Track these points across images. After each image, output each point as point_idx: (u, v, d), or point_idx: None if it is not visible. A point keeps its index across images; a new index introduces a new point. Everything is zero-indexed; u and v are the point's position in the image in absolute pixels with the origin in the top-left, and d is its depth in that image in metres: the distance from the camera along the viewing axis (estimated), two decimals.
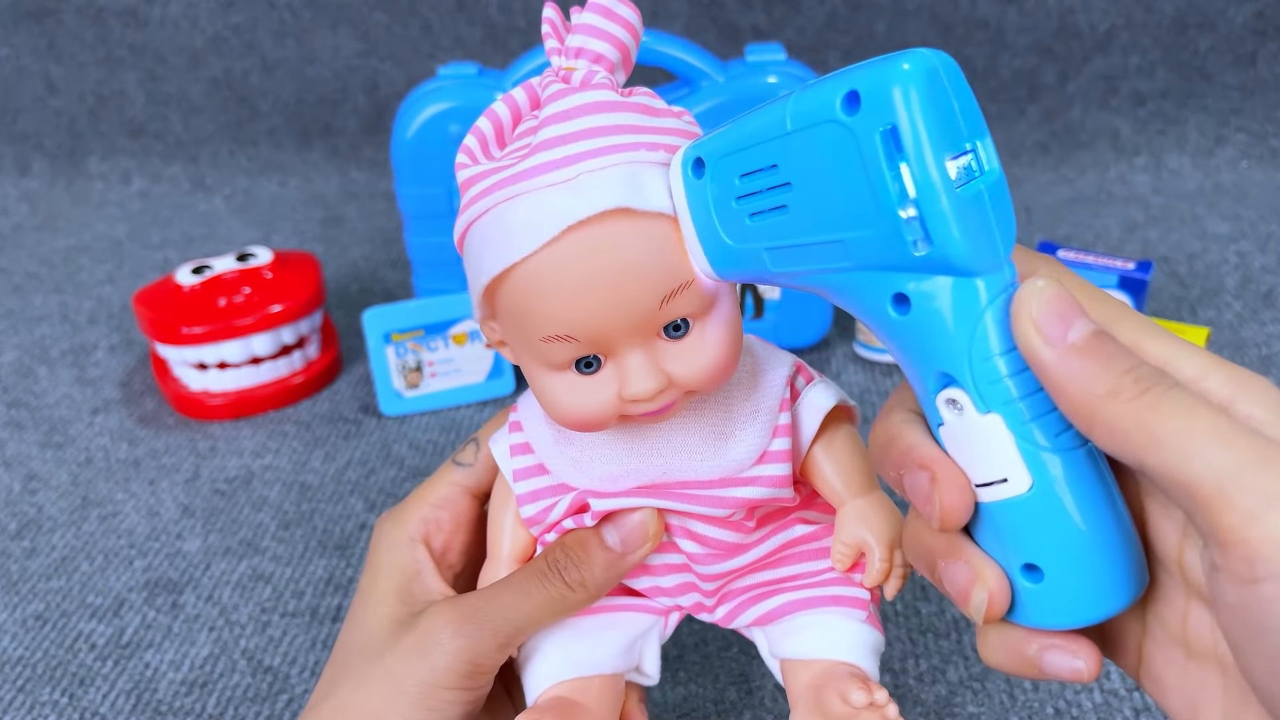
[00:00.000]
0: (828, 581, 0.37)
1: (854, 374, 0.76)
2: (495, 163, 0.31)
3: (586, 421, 0.32)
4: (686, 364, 0.31)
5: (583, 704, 0.35)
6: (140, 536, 0.63)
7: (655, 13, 1.07)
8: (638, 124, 0.30)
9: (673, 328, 0.31)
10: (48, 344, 0.86)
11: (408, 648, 0.35)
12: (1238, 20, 1.05)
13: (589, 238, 0.29)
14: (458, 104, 0.69)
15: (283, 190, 1.15)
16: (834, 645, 0.36)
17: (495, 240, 0.30)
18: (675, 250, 0.30)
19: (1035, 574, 0.26)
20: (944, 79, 0.25)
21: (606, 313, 0.30)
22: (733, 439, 0.34)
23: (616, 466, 0.34)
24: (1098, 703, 0.49)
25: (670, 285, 0.30)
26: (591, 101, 0.30)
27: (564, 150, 0.29)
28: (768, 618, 0.37)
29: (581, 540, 0.35)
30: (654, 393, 0.31)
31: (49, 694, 0.53)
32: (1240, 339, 0.77)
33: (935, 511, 0.27)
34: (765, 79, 0.68)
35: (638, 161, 0.30)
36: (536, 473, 0.36)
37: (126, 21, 1.12)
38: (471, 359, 0.75)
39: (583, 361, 0.31)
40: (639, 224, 0.29)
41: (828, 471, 0.36)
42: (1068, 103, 1.08)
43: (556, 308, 0.30)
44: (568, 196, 0.29)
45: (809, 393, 0.36)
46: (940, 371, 0.26)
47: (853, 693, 0.34)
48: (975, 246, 0.25)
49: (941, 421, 0.27)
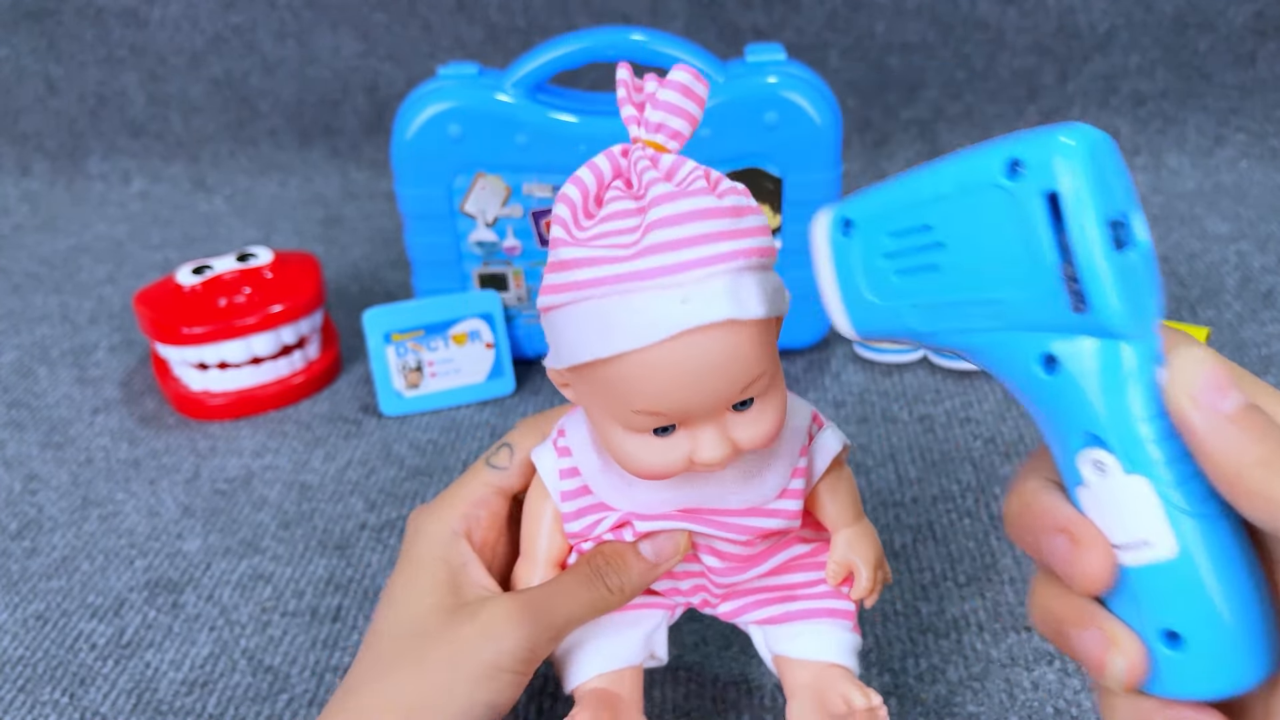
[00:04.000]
0: (821, 595, 0.44)
1: (853, 374, 0.76)
2: (597, 249, 0.34)
3: (659, 475, 0.37)
4: (749, 432, 0.36)
5: (618, 693, 0.42)
6: (141, 536, 0.63)
7: (655, 12, 1.07)
8: (734, 229, 0.34)
9: (741, 404, 0.36)
10: (48, 344, 0.86)
11: (471, 633, 0.39)
12: (1237, 20, 1.05)
13: (696, 342, 0.33)
14: (458, 104, 0.69)
15: (283, 190, 1.15)
16: (828, 649, 0.43)
17: (598, 329, 0.34)
18: (761, 347, 0.35)
19: (1176, 642, 0.26)
20: (1103, 151, 0.26)
21: (697, 400, 0.34)
22: (759, 478, 0.40)
23: (657, 495, 0.40)
24: (1097, 702, 0.49)
25: (751, 377, 0.35)
26: (696, 209, 0.33)
27: (674, 257, 0.33)
28: (769, 620, 0.44)
29: (620, 551, 0.41)
30: (724, 461, 0.36)
31: (49, 694, 0.53)
32: (1240, 339, 0.77)
33: (1077, 574, 0.27)
34: (765, 79, 0.68)
35: (737, 269, 0.33)
36: (582, 494, 0.41)
37: (127, 22, 1.12)
38: (472, 359, 0.75)
39: (661, 428, 0.36)
40: (738, 330, 0.33)
41: (828, 504, 0.43)
42: (1067, 102, 1.08)
43: (653, 392, 0.34)
44: (678, 305, 0.33)
45: (821, 438, 0.42)
46: (1085, 432, 0.27)
47: (854, 696, 0.40)
48: (1129, 311, 0.26)
49: (1082, 482, 0.27)
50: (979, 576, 0.57)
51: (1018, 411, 0.71)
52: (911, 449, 0.68)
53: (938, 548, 0.59)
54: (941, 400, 0.72)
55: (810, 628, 0.44)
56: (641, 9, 1.07)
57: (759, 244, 0.34)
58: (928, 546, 0.59)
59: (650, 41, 0.68)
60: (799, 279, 0.76)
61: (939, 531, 0.60)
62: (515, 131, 0.69)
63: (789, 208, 0.71)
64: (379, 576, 0.59)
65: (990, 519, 0.61)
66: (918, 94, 1.10)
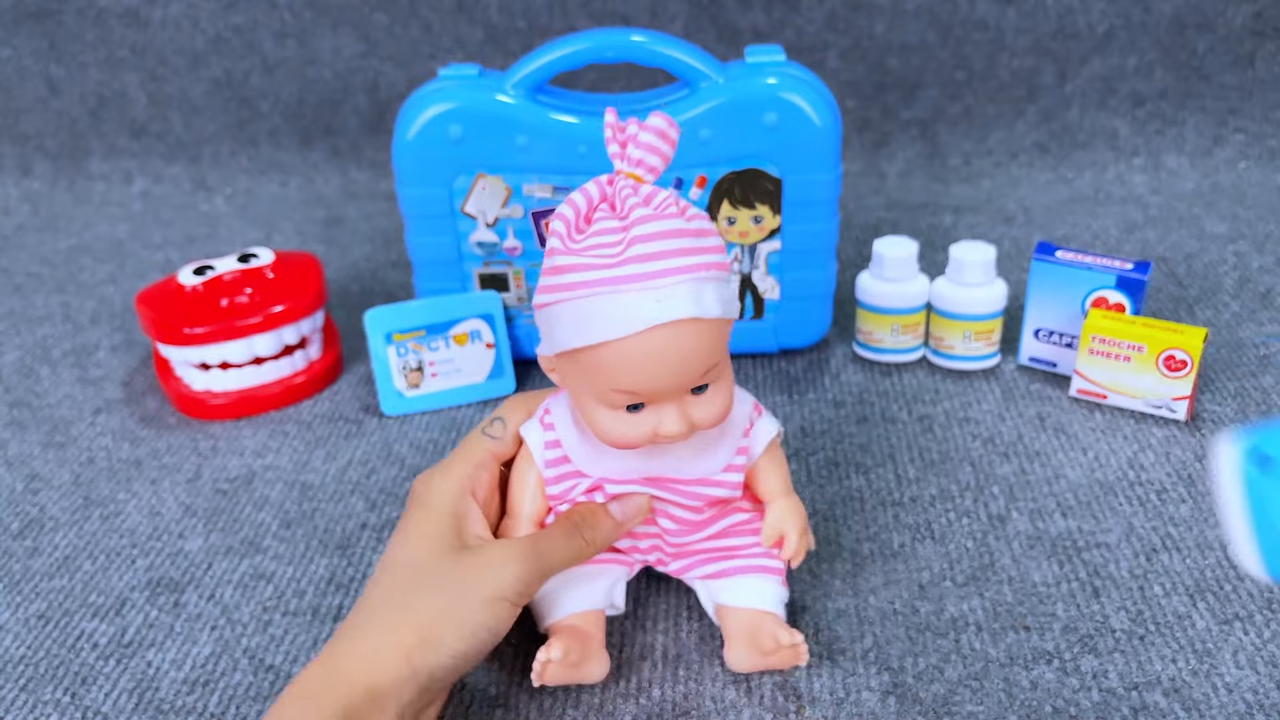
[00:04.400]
0: (756, 555, 0.53)
1: (853, 374, 0.76)
2: (587, 258, 0.42)
3: (628, 445, 0.46)
4: (704, 412, 0.46)
5: (584, 629, 0.50)
6: (142, 536, 0.64)
7: (654, 13, 1.08)
8: (698, 247, 0.43)
9: (699, 387, 0.45)
10: (50, 344, 0.87)
11: (479, 567, 0.46)
12: (1236, 21, 1.05)
13: (665, 334, 0.42)
14: (458, 105, 0.69)
15: (284, 191, 1.15)
16: (761, 599, 0.52)
17: (587, 322, 0.42)
18: (716, 342, 0.44)
19: None
20: None
21: (664, 381, 0.43)
22: (709, 453, 0.49)
23: (624, 464, 0.49)
24: (1096, 701, 0.49)
25: (707, 365, 0.44)
26: (668, 230, 0.42)
27: (650, 266, 0.42)
28: (713, 576, 0.53)
29: (595, 511, 0.50)
30: (683, 434, 0.45)
31: (51, 693, 0.53)
32: (1238, 339, 0.78)
33: None
34: (765, 80, 0.68)
35: (699, 279, 0.42)
36: (562, 462, 0.50)
37: (128, 22, 1.13)
38: (472, 359, 0.75)
39: (632, 405, 0.44)
40: (699, 327, 0.43)
41: (764, 479, 0.51)
42: (1066, 103, 1.09)
43: (631, 374, 0.43)
44: (653, 304, 0.42)
45: (760, 424, 0.51)
46: None
47: (781, 635, 0.49)
48: None
49: None
50: (977, 576, 0.57)
51: (1016, 411, 0.71)
52: (910, 449, 0.68)
53: (936, 547, 0.59)
54: (940, 400, 0.73)
55: (746, 581, 0.52)
56: (641, 10, 1.08)
57: (717, 259, 0.44)
58: (926, 546, 0.59)
59: (650, 43, 0.68)
60: (799, 279, 0.76)
61: (937, 531, 0.61)
62: (516, 132, 0.69)
63: (789, 208, 0.72)
64: None
65: (988, 518, 0.61)
66: (917, 95, 1.10)
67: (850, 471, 0.66)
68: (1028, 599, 0.55)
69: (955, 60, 1.08)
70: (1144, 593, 0.55)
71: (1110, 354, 0.68)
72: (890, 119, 1.11)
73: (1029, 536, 0.60)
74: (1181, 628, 0.53)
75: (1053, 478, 0.64)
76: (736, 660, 0.50)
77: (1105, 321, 0.68)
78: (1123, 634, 0.53)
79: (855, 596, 0.56)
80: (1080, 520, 0.61)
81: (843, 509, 0.63)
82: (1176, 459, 0.65)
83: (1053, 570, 0.57)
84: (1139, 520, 0.60)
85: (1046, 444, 0.67)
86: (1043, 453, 0.67)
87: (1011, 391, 0.73)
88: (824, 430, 0.70)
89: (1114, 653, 0.52)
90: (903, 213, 1.03)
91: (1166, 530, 0.59)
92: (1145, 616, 0.54)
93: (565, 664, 0.47)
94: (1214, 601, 0.54)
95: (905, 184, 1.09)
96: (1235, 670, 0.50)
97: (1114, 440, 0.67)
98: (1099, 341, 0.68)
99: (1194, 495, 0.62)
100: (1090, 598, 0.55)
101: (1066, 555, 0.58)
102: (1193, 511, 0.61)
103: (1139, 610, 0.54)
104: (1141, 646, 0.52)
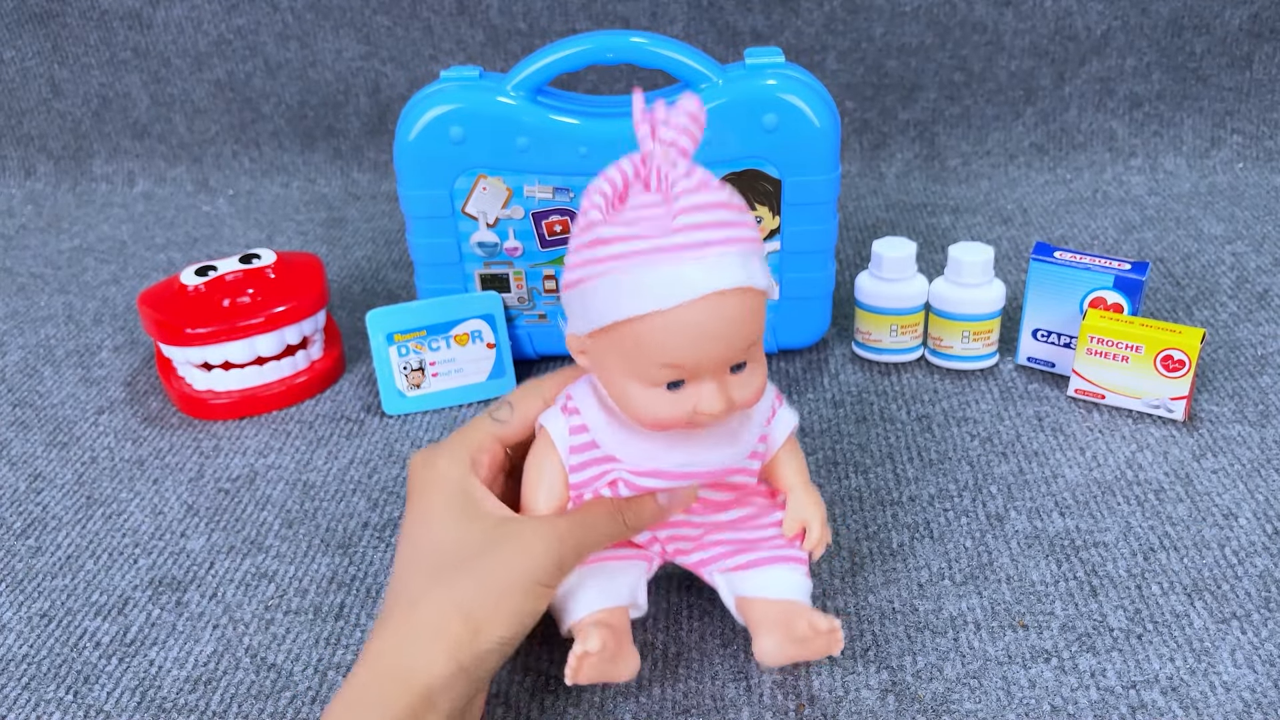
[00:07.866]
0: (778, 545, 0.52)
1: (852, 373, 0.77)
2: (636, 229, 0.41)
3: (666, 425, 0.44)
4: (742, 391, 0.44)
5: (613, 624, 0.48)
6: (145, 535, 0.64)
7: (655, 15, 1.08)
8: (743, 220, 0.42)
9: (737, 366, 0.44)
10: (53, 344, 0.87)
11: (515, 550, 0.44)
12: (1233, 23, 1.05)
13: (716, 303, 0.41)
14: (459, 106, 0.69)
15: (286, 191, 1.16)
16: (790, 588, 0.50)
17: (635, 292, 0.41)
18: (759, 315, 0.43)
19: None
20: None
21: (713, 350, 0.42)
22: (735, 438, 0.48)
23: (654, 446, 0.46)
24: (1094, 700, 0.49)
25: (751, 339, 0.43)
26: (716, 201, 0.41)
27: (701, 235, 0.41)
28: (736, 569, 0.51)
29: (641, 498, 0.48)
30: (722, 413, 0.43)
31: (54, 691, 0.53)
32: (1235, 339, 0.78)
33: None
34: (764, 81, 0.69)
35: (746, 251, 0.42)
36: (589, 448, 0.48)
37: (130, 24, 1.13)
38: (473, 359, 0.75)
39: (673, 383, 0.43)
40: (746, 296, 0.42)
41: (785, 468, 0.51)
42: (1064, 104, 1.09)
43: (680, 346, 0.41)
44: (704, 273, 0.40)
45: (781, 413, 0.51)
46: None
47: (819, 621, 0.47)
48: None
49: None
50: (976, 575, 0.57)
51: (1014, 411, 0.71)
52: (909, 448, 0.68)
53: (935, 546, 0.60)
54: (939, 400, 0.73)
55: (772, 572, 0.51)
56: (641, 12, 1.08)
57: (757, 235, 0.43)
58: (925, 545, 0.60)
59: (650, 44, 0.69)
60: (799, 279, 0.77)
61: (936, 530, 0.61)
62: (516, 133, 0.70)
63: (788, 209, 0.72)
64: (382, 575, 0.60)
65: (987, 518, 0.62)
66: (915, 96, 1.10)
67: (849, 471, 0.66)
68: (1026, 598, 0.56)
69: (954, 62, 1.08)
70: (1142, 592, 0.56)
71: (1108, 354, 0.69)
72: (889, 120, 1.11)
73: (1027, 536, 0.60)
74: (1179, 626, 0.53)
75: (1051, 477, 0.65)
76: (768, 652, 0.48)
77: (1103, 322, 0.68)
78: (1120, 633, 0.53)
79: (854, 595, 0.56)
80: (1078, 519, 0.61)
81: (842, 508, 0.63)
82: (1174, 459, 0.65)
83: (1051, 569, 0.57)
84: (1137, 519, 0.61)
85: (1045, 444, 0.68)
86: (1041, 452, 0.67)
87: (1010, 391, 0.73)
88: (823, 430, 0.71)
89: (1112, 651, 0.52)
90: (901, 213, 1.03)
91: (1164, 529, 0.60)
92: (1143, 615, 0.54)
93: (602, 657, 0.45)
94: (1211, 600, 0.55)
95: (904, 185, 1.10)
96: (1233, 669, 0.51)
97: (1112, 440, 0.68)
98: (1097, 341, 0.68)
99: (1191, 495, 0.62)
100: (1088, 597, 0.55)
101: (1064, 554, 0.58)
102: (1190, 511, 0.61)
103: (1137, 609, 0.54)
104: (1139, 645, 0.52)
